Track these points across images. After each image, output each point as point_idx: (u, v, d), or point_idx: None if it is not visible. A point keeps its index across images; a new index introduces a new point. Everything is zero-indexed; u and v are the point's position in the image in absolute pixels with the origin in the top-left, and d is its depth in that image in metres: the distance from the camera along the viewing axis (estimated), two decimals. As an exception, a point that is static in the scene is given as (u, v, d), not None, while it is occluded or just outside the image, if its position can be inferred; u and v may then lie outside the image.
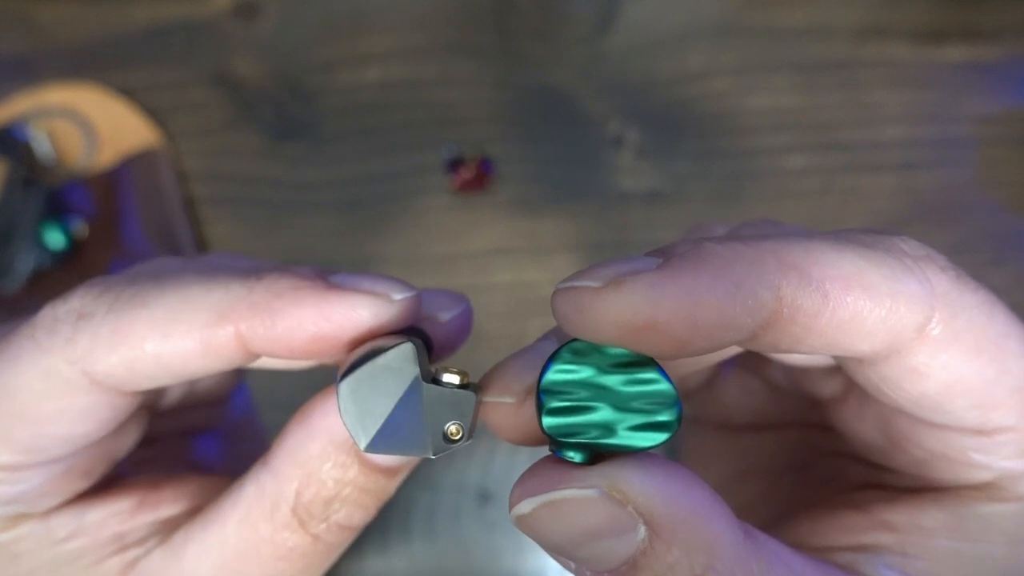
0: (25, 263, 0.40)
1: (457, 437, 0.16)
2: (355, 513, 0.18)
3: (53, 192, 0.41)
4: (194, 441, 0.24)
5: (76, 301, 0.17)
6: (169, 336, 0.16)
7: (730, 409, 0.25)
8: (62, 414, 0.17)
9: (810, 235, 0.15)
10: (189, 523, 0.19)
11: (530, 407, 0.16)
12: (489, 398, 0.17)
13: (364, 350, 0.16)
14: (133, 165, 0.43)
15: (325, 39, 0.47)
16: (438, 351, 0.19)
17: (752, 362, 0.24)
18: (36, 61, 0.46)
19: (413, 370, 0.15)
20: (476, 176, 0.43)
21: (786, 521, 0.19)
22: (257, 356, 0.17)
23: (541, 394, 0.15)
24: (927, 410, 0.16)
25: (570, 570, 0.15)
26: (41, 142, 0.43)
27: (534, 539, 0.15)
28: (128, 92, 0.45)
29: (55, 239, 0.40)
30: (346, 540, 0.18)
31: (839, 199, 0.44)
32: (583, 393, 0.15)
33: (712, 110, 0.46)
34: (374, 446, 0.15)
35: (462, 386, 0.16)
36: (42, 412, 0.17)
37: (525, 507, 0.15)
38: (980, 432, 0.16)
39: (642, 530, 0.14)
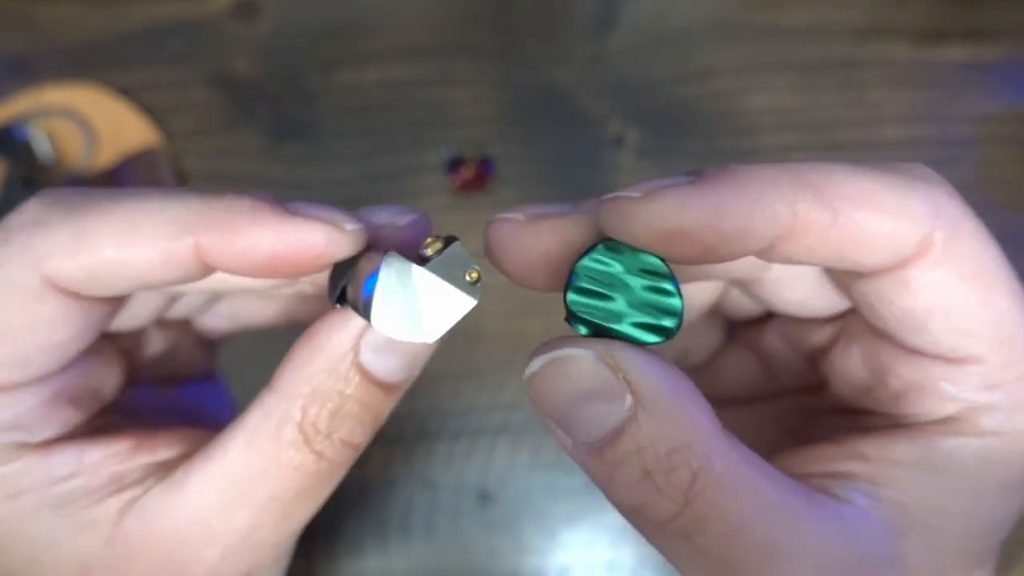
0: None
1: (477, 277, 0.18)
2: (356, 428, 0.19)
3: (53, 192, 0.41)
4: (171, 423, 0.24)
5: (30, 210, 0.17)
6: (129, 244, 0.17)
7: (729, 385, 0.27)
8: (34, 323, 0.17)
9: (830, 160, 0.16)
10: (190, 459, 0.19)
11: (534, 227, 0.18)
12: (503, 215, 0.18)
13: (358, 271, 0.17)
14: (133, 165, 0.43)
15: (325, 39, 0.47)
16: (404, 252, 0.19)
17: (749, 338, 0.26)
18: (36, 61, 0.46)
19: (406, 263, 0.17)
20: (476, 176, 0.43)
21: (768, 457, 0.20)
22: (211, 271, 0.17)
23: (572, 274, 0.17)
24: (909, 329, 0.18)
25: (565, 446, 0.17)
26: (40, 142, 0.43)
27: (539, 403, 0.17)
28: (127, 92, 0.45)
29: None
30: (347, 460, 0.19)
31: (839, 199, 0.44)
32: (607, 284, 0.17)
33: (713, 110, 0.45)
34: (432, 333, 0.17)
35: (445, 245, 0.18)
36: (12, 324, 0.17)
37: (535, 366, 0.17)
38: (951, 360, 0.17)
39: (629, 399, 0.16)
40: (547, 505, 0.39)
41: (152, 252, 0.17)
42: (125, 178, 0.43)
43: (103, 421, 0.21)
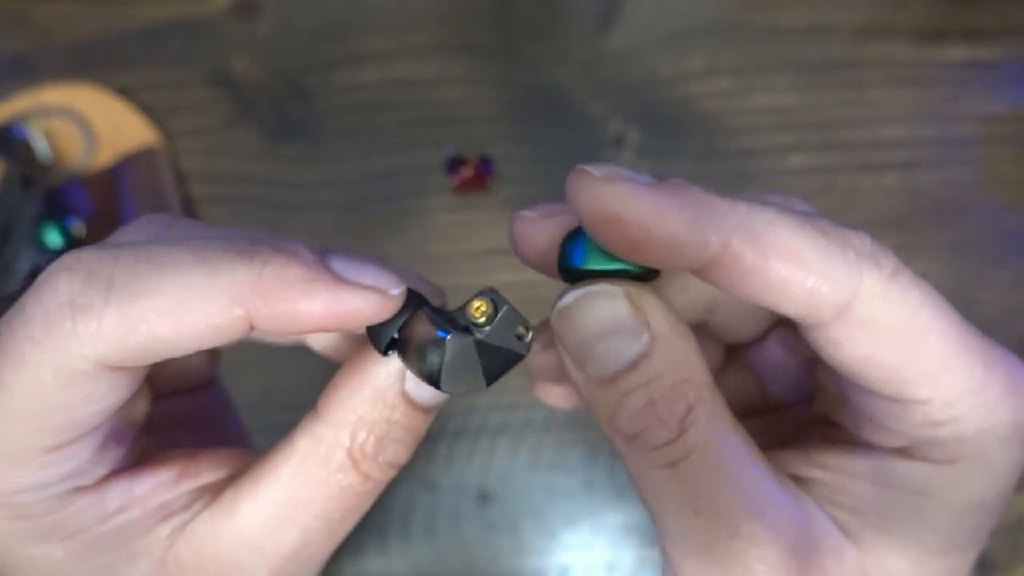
0: (24, 263, 0.40)
1: (526, 331, 0.19)
2: (400, 450, 0.20)
3: (52, 192, 0.41)
4: (184, 433, 0.25)
5: (63, 291, 0.17)
6: (180, 324, 0.17)
7: (730, 396, 0.27)
8: (85, 398, 0.17)
9: (780, 210, 0.18)
10: (238, 483, 0.20)
11: (546, 223, 0.20)
12: (521, 212, 0.20)
13: (412, 335, 0.19)
14: (132, 165, 0.43)
15: (324, 38, 0.47)
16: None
17: (746, 358, 0.27)
18: (35, 60, 0.46)
19: (468, 340, 0.18)
20: (476, 176, 0.43)
21: None
22: (265, 333, 0.18)
23: (564, 245, 0.19)
24: (849, 375, 0.19)
25: (576, 381, 0.19)
26: (39, 141, 0.43)
27: (563, 336, 0.19)
28: (127, 91, 0.45)
29: (54, 239, 0.40)
30: (389, 477, 0.21)
31: (840, 199, 0.44)
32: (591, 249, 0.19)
33: (713, 110, 0.45)
34: (488, 383, 0.19)
35: (493, 307, 0.19)
36: (65, 401, 0.17)
37: (568, 298, 0.19)
38: (895, 401, 0.19)
39: (646, 337, 0.18)
40: (547, 505, 0.39)
41: (204, 328, 0.17)
42: (124, 178, 0.43)
43: (140, 445, 0.21)
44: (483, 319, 0.19)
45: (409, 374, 0.20)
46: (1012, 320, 0.42)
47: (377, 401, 0.20)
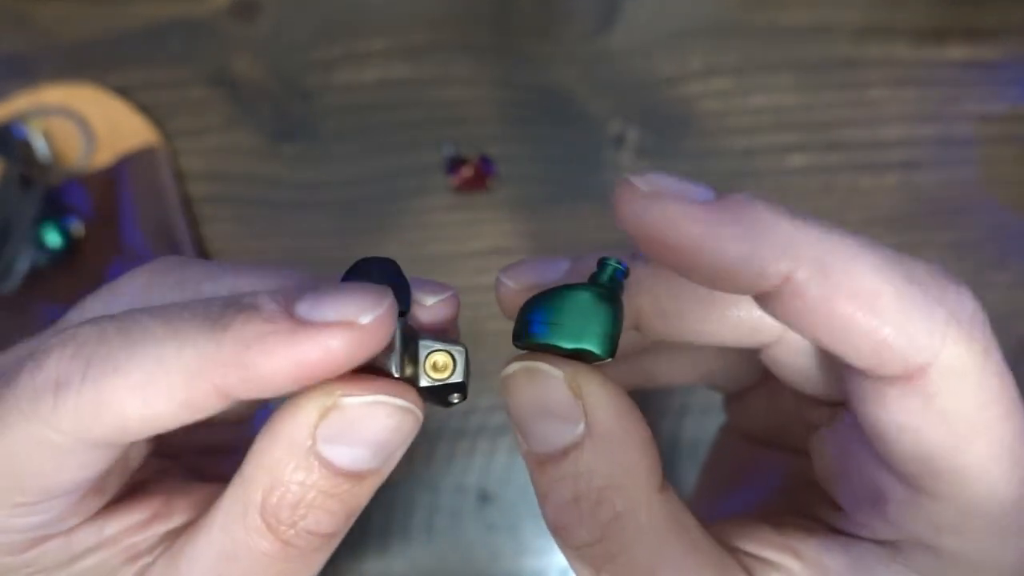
0: (23, 262, 0.39)
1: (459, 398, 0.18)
2: (323, 519, 0.17)
3: (51, 191, 0.41)
4: (218, 458, 0.24)
5: (51, 367, 0.16)
6: (148, 401, 0.16)
7: (753, 423, 0.27)
8: (62, 467, 0.17)
9: (864, 244, 0.15)
10: (189, 529, 0.19)
11: (524, 295, 0.19)
12: (502, 278, 0.20)
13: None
14: (131, 164, 0.43)
15: (324, 38, 0.47)
16: (429, 328, 0.19)
17: (771, 387, 0.25)
18: (34, 60, 0.46)
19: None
20: (476, 176, 0.43)
21: (729, 520, 0.21)
22: (246, 399, 0.17)
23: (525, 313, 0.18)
24: (878, 436, 0.17)
25: (520, 448, 0.18)
26: (39, 141, 0.43)
27: (508, 402, 0.18)
28: (126, 91, 0.45)
29: (53, 238, 0.40)
30: (320, 547, 0.18)
31: (840, 198, 0.44)
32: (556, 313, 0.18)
33: (713, 109, 0.45)
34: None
35: (447, 375, 0.18)
36: (43, 469, 0.17)
37: (511, 368, 0.18)
38: (909, 486, 0.17)
39: (581, 427, 0.17)
40: (548, 506, 0.39)
41: (171, 404, 0.16)
42: (124, 178, 0.42)
43: (134, 479, 0.21)
44: (438, 375, 0.18)
45: (319, 434, 0.17)
46: (1012, 320, 0.42)
47: (290, 460, 0.17)
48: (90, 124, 0.44)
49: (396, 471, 0.20)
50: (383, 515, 0.39)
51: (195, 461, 0.24)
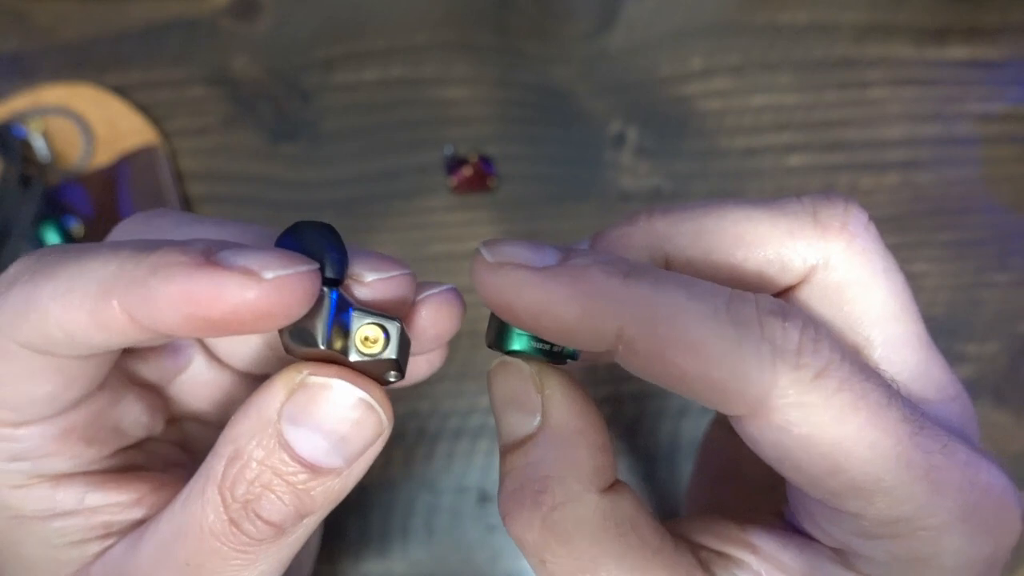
0: (22, 263, 0.39)
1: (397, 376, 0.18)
2: (275, 505, 0.17)
3: (50, 191, 0.41)
4: None
5: (12, 269, 0.17)
6: (65, 307, 0.16)
7: None
8: (11, 376, 0.17)
9: (690, 295, 0.16)
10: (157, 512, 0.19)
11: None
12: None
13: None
14: (130, 164, 0.43)
15: (324, 38, 0.47)
16: (373, 306, 0.18)
17: None
18: (33, 59, 0.46)
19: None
20: (476, 176, 0.43)
21: (700, 515, 0.21)
22: (157, 332, 0.17)
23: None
24: (776, 469, 0.17)
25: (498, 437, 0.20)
26: (38, 141, 0.43)
27: (489, 394, 0.20)
28: (125, 91, 0.45)
29: (52, 238, 0.40)
30: (264, 537, 0.18)
31: (841, 198, 0.44)
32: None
33: (713, 109, 0.45)
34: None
35: (379, 350, 0.17)
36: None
37: (494, 364, 0.20)
38: (824, 505, 0.17)
39: (538, 418, 0.18)
40: (548, 506, 0.39)
41: (82, 315, 0.16)
42: (123, 177, 0.42)
43: (141, 457, 0.21)
44: (369, 349, 0.17)
45: (284, 412, 0.17)
46: (1012, 320, 0.42)
47: (254, 434, 0.17)
48: (89, 124, 0.44)
49: (395, 471, 0.20)
50: (383, 516, 0.39)
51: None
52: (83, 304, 0.16)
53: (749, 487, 0.25)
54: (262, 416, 0.17)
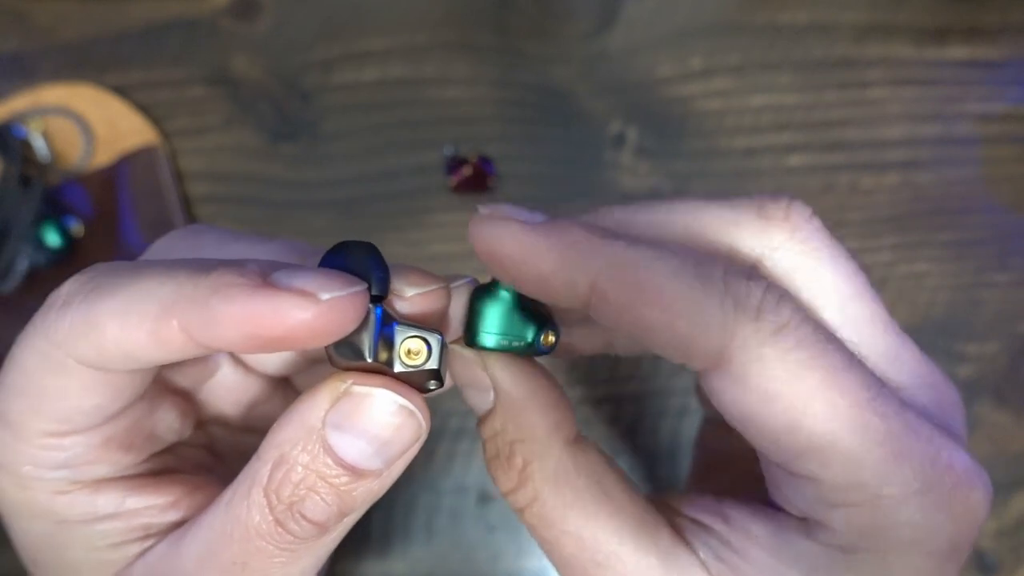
0: (22, 262, 0.39)
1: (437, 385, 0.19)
2: (318, 506, 0.18)
3: (50, 191, 0.41)
4: None
5: (66, 288, 0.18)
6: (124, 327, 0.17)
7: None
8: (64, 389, 0.18)
9: (658, 253, 0.17)
10: (198, 513, 0.20)
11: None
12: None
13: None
14: (131, 164, 0.43)
15: (324, 38, 0.47)
16: (412, 319, 0.19)
17: None
18: (32, 59, 0.46)
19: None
20: (476, 176, 0.43)
21: (680, 493, 0.23)
22: (212, 349, 0.17)
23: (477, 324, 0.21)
24: (739, 430, 0.18)
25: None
26: (38, 141, 0.43)
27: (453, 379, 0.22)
28: (125, 91, 0.45)
29: (52, 238, 0.40)
30: (308, 536, 0.19)
31: (841, 198, 0.44)
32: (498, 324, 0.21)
33: (713, 109, 0.45)
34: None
35: (422, 361, 0.19)
36: (48, 388, 0.18)
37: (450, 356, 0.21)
38: (785, 470, 0.18)
39: (491, 395, 0.20)
40: (548, 506, 0.39)
41: (142, 334, 0.17)
42: (123, 177, 0.42)
43: (172, 461, 0.23)
44: (412, 361, 0.18)
45: (328, 420, 0.18)
46: (1012, 320, 0.42)
47: (299, 439, 0.18)
48: (89, 124, 0.44)
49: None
50: (383, 516, 0.39)
51: (241, 464, 0.24)
52: (142, 324, 0.17)
53: (736, 474, 0.25)
54: (306, 423, 0.18)
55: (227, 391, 0.25)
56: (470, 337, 0.21)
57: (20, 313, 0.20)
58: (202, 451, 0.25)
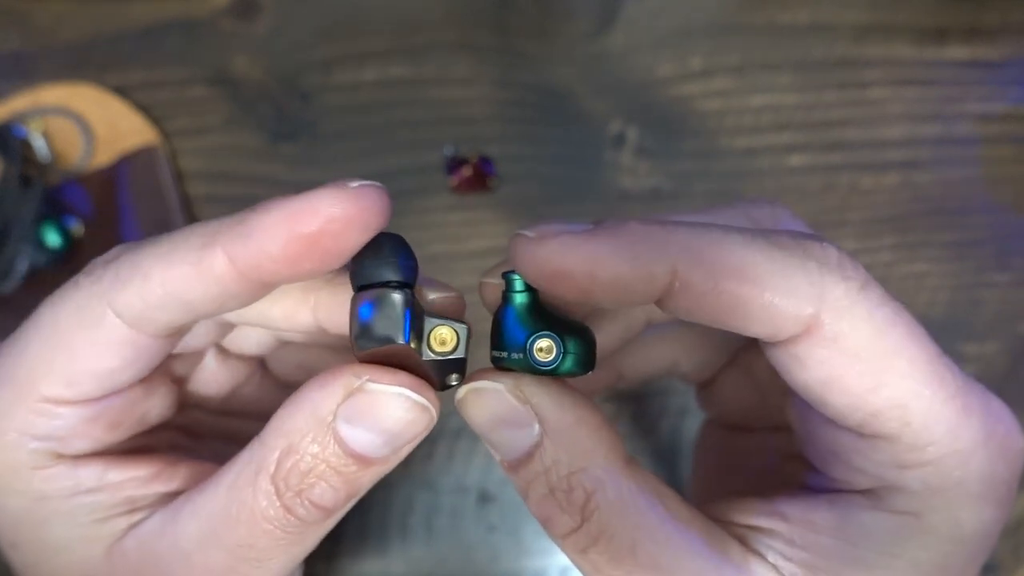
0: (23, 263, 0.39)
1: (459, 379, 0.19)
2: (327, 492, 0.19)
3: (50, 191, 0.41)
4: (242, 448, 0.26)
5: (113, 252, 0.19)
6: (169, 265, 0.18)
7: (727, 407, 0.28)
8: (91, 346, 0.19)
9: (726, 229, 0.17)
10: (192, 490, 0.20)
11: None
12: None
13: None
14: (131, 164, 0.43)
15: (324, 38, 0.47)
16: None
17: (745, 363, 0.26)
18: (33, 59, 0.46)
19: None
20: (476, 176, 0.43)
21: (719, 500, 0.22)
22: (258, 285, 0.18)
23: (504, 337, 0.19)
24: (814, 400, 0.18)
25: (496, 459, 0.20)
26: (38, 141, 0.43)
27: (469, 422, 0.20)
28: (125, 91, 0.45)
29: (52, 238, 0.40)
30: (318, 520, 0.19)
31: (841, 198, 0.44)
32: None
33: (713, 109, 0.45)
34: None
35: (450, 350, 0.19)
36: (74, 342, 0.19)
37: (461, 392, 0.20)
38: (860, 435, 0.18)
39: (537, 427, 0.18)
40: (548, 506, 0.39)
41: (187, 268, 0.17)
42: (123, 177, 0.42)
43: (149, 440, 0.23)
44: (440, 349, 0.18)
45: (340, 413, 0.18)
46: (1012, 320, 0.42)
47: (309, 430, 0.18)
48: (89, 124, 0.44)
49: (395, 470, 0.20)
50: (382, 515, 0.39)
51: (220, 448, 0.25)
52: (187, 257, 0.17)
53: (751, 474, 0.25)
54: (317, 414, 0.18)
55: (210, 375, 0.25)
56: (500, 357, 0.19)
57: (20, 313, 0.20)
58: (178, 432, 0.25)
